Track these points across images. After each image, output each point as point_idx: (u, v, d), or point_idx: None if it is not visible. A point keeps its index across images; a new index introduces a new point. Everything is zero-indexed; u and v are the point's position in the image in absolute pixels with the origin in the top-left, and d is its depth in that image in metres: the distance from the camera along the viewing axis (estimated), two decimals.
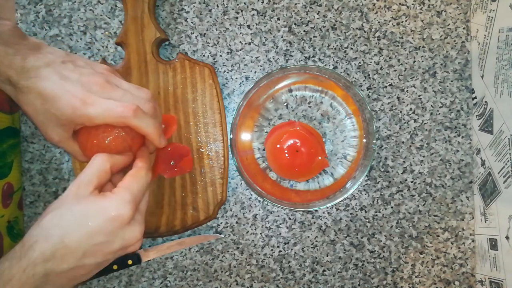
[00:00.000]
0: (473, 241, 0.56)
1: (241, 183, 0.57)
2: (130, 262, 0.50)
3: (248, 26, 0.56)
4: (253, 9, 0.56)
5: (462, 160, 0.56)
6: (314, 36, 0.56)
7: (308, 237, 0.56)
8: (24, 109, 0.38)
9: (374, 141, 0.50)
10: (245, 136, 0.54)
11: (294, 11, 0.56)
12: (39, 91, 0.37)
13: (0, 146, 0.53)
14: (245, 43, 0.56)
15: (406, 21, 0.56)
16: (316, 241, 0.57)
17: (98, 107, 0.37)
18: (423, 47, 0.56)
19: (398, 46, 0.56)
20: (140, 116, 0.39)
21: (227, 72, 0.57)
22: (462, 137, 0.56)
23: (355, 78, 0.56)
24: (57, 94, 0.37)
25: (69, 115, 0.37)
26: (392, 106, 0.56)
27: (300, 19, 0.56)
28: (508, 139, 0.49)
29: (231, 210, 0.57)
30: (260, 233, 0.57)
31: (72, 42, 0.57)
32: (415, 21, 0.56)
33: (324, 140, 0.54)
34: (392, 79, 0.56)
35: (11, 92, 0.38)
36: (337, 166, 0.54)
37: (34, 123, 0.39)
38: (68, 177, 0.57)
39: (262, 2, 0.56)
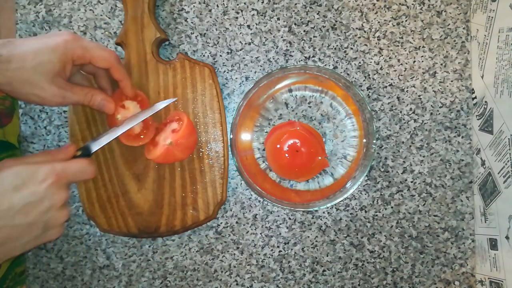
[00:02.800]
0: (473, 241, 0.56)
1: (241, 183, 0.57)
2: (78, 153, 0.46)
3: (248, 26, 0.56)
4: (253, 9, 0.56)
5: (462, 160, 0.56)
6: (314, 36, 0.56)
7: (308, 237, 0.57)
8: (16, 76, 0.40)
9: (374, 141, 0.50)
10: (245, 136, 0.54)
11: (294, 11, 0.56)
12: (26, 50, 0.40)
13: None
14: (245, 43, 0.56)
15: (406, 21, 0.56)
16: (316, 241, 0.57)
17: (86, 43, 0.43)
18: (423, 47, 0.56)
19: (398, 46, 0.56)
20: (120, 63, 0.47)
21: (227, 72, 0.57)
22: (462, 137, 0.56)
23: (355, 78, 0.56)
24: (43, 43, 0.41)
25: (63, 52, 0.41)
26: (392, 106, 0.56)
27: (300, 19, 0.56)
28: (508, 139, 0.49)
29: (231, 210, 0.57)
30: (260, 233, 0.57)
31: None
32: (415, 21, 0.56)
33: (324, 140, 0.54)
34: (392, 79, 0.56)
35: None
36: (337, 166, 0.54)
37: (28, 89, 0.41)
38: None
39: (262, 2, 0.56)
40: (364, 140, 0.52)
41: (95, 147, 0.46)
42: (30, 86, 0.41)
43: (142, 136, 0.51)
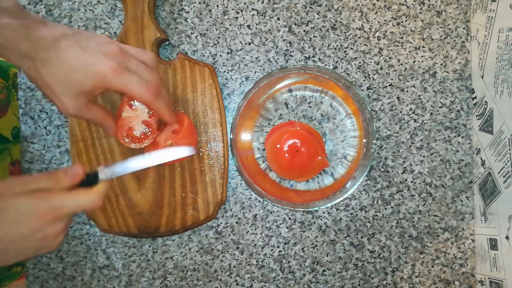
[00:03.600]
0: (473, 241, 0.56)
1: (241, 183, 0.57)
2: (85, 178, 0.42)
3: (248, 26, 0.56)
4: (253, 9, 0.56)
5: (462, 160, 0.56)
6: (314, 36, 0.56)
7: (308, 237, 0.57)
8: (44, 80, 0.40)
9: (374, 141, 0.50)
10: (245, 136, 0.54)
11: (294, 11, 0.56)
12: (64, 62, 0.39)
13: None
14: (245, 43, 0.56)
15: (406, 21, 0.56)
16: (316, 241, 0.57)
17: (126, 79, 0.41)
18: (423, 47, 0.56)
19: (398, 46, 0.56)
20: (159, 98, 0.44)
21: (227, 72, 0.57)
22: (462, 137, 0.56)
23: (355, 78, 0.56)
24: (84, 63, 0.40)
25: (100, 81, 0.40)
26: (392, 106, 0.56)
27: (300, 19, 0.56)
28: (508, 139, 0.49)
29: (231, 210, 0.57)
30: (260, 233, 0.57)
31: None
32: (415, 21, 0.56)
33: (324, 140, 0.54)
34: (392, 79, 0.56)
35: (30, 66, 0.40)
36: (337, 166, 0.54)
37: (49, 94, 0.41)
38: None
39: (262, 2, 0.56)
40: (364, 140, 0.52)
41: (104, 175, 0.43)
42: (52, 93, 0.41)
43: (143, 139, 0.51)
